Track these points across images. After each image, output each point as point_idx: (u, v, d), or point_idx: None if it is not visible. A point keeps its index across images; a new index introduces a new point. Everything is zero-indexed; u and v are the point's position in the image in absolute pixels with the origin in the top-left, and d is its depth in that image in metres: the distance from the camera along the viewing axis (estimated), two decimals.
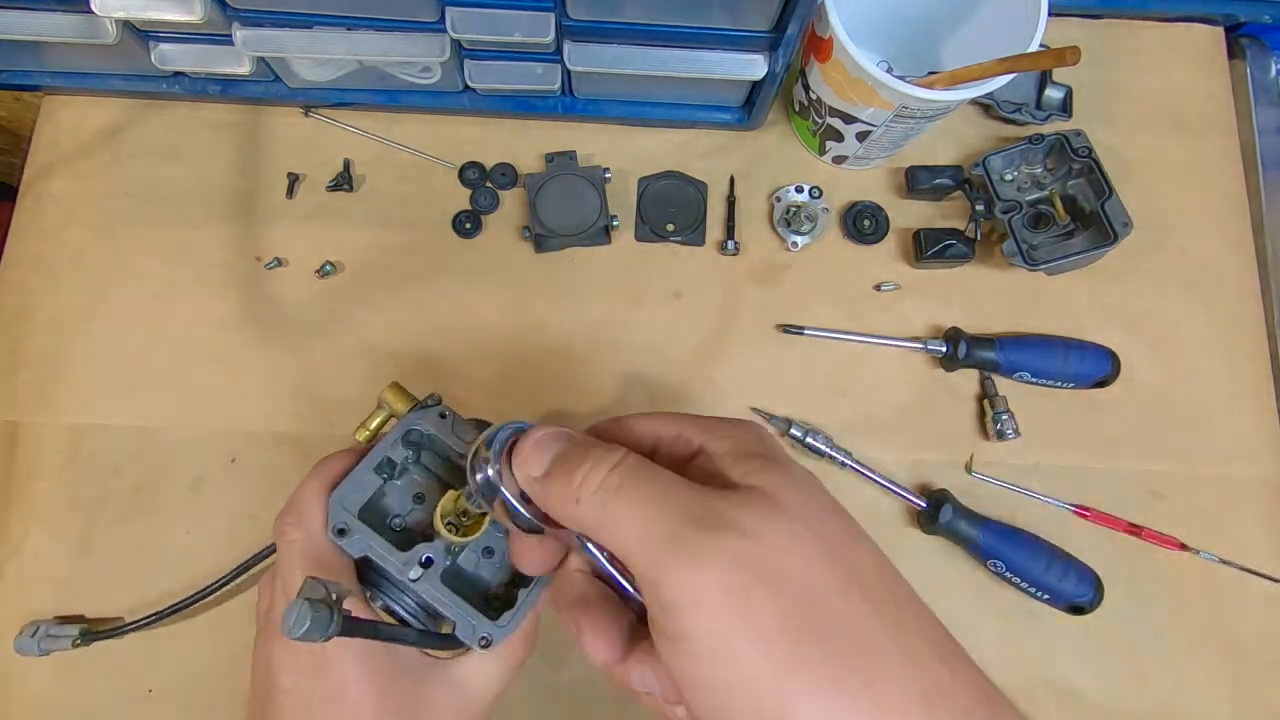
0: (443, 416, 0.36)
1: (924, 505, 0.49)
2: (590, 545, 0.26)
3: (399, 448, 0.35)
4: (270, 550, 0.45)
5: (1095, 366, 0.51)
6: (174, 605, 0.46)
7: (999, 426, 0.51)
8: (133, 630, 0.46)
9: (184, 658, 0.48)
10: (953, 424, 0.52)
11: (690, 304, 0.54)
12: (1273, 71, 0.60)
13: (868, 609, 0.21)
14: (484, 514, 0.32)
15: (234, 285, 0.53)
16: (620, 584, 0.27)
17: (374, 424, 0.38)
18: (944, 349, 0.52)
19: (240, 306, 0.53)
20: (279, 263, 0.53)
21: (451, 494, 0.33)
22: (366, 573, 0.34)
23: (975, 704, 0.21)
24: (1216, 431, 0.53)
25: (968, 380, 0.53)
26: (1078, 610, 0.48)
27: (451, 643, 0.32)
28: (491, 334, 0.53)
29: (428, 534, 0.35)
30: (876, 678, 0.20)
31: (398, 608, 0.33)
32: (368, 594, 0.33)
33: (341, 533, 0.32)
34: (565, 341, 0.53)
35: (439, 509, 0.33)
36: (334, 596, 0.25)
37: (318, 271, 0.53)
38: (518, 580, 0.35)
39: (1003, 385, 0.52)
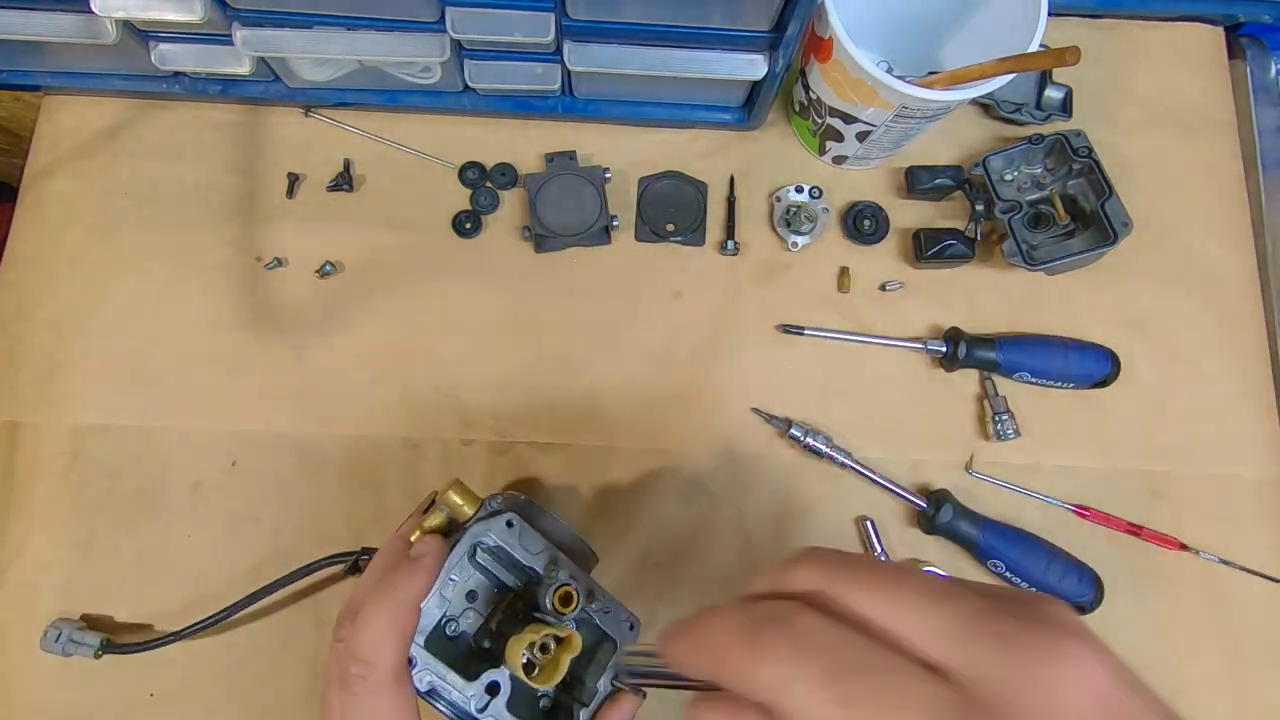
0: (509, 526, 0.34)
1: (924, 505, 0.49)
2: None
3: (465, 567, 0.34)
4: (297, 574, 0.46)
5: (1095, 366, 0.51)
6: (193, 626, 0.46)
7: (999, 426, 0.51)
8: (153, 648, 0.46)
9: (184, 663, 0.48)
10: (953, 424, 0.53)
11: (690, 304, 0.54)
12: (1273, 71, 0.60)
13: None
14: (561, 656, 0.31)
15: (234, 285, 0.53)
16: None
17: (431, 524, 0.36)
18: (944, 349, 0.52)
19: (240, 306, 0.53)
20: (279, 263, 0.53)
21: (535, 627, 0.31)
22: (438, 697, 0.32)
23: None
24: (1216, 431, 0.53)
25: (968, 380, 0.53)
26: (1078, 610, 0.48)
27: None
28: (491, 334, 0.53)
29: (480, 641, 0.33)
30: None
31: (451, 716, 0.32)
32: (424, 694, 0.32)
33: (410, 663, 0.31)
34: (565, 341, 0.53)
35: (518, 643, 0.31)
36: None
37: (318, 271, 0.53)
38: (569, 683, 0.34)
39: (1003, 385, 0.52)
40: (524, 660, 0.31)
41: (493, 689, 0.31)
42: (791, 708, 0.19)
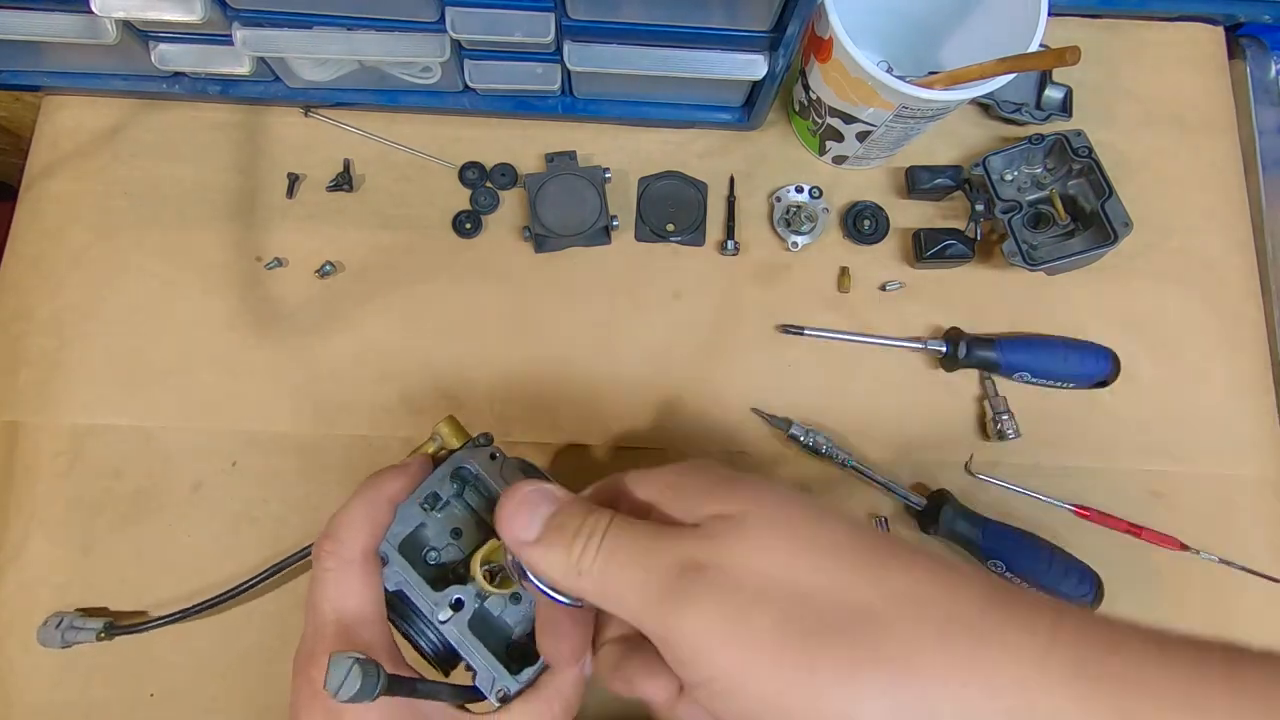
0: (493, 458, 0.36)
1: (924, 506, 0.49)
2: None
3: (447, 483, 0.35)
4: (301, 555, 0.45)
5: (1095, 366, 0.51)
6: (203, 602, 0.46)
7: (999, 426, 0.51)
8: (158, 626, 0.46)
9: (184, 662, 0.48)
10: (953, 424, 0.52)
11: (690, 304, 0.54)
12: (1273, 71, 0.60)
13: (853, 577, 0.22)
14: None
15: (234, 285, 0.53)
16: None
17: (421, 452, 0.38)
18: (944, 349, 0.52)
19: (240, 306, 0.53)
20: (279, 263, 0.53)
21: (494, 543, 0.33)
22: (394, 601, 0.33)
23: (986, 612, 0.21)
24: (1216, 431, 0.53)
25: (968, 380, 0.53)
26: None
27: (475, 695, 0.32)
28: (491, 334, 0.53)
29: (459, 572, 0.34)
30: (883, 639, 0.20)
31: (421, 642, 0.33)
32: (391, 619, 0.33)
33: (381, 562, 0.32)
34: (565, 341, 0.53)
35: (479, 554, 0.32)
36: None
37: (318, 271, 0.53)
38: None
39: (1003, 385, 0.52)
40: (484, 570, 0.32)
41: (456, 605, 0.32)
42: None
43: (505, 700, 0.32)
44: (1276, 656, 0.20)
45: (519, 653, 0.33)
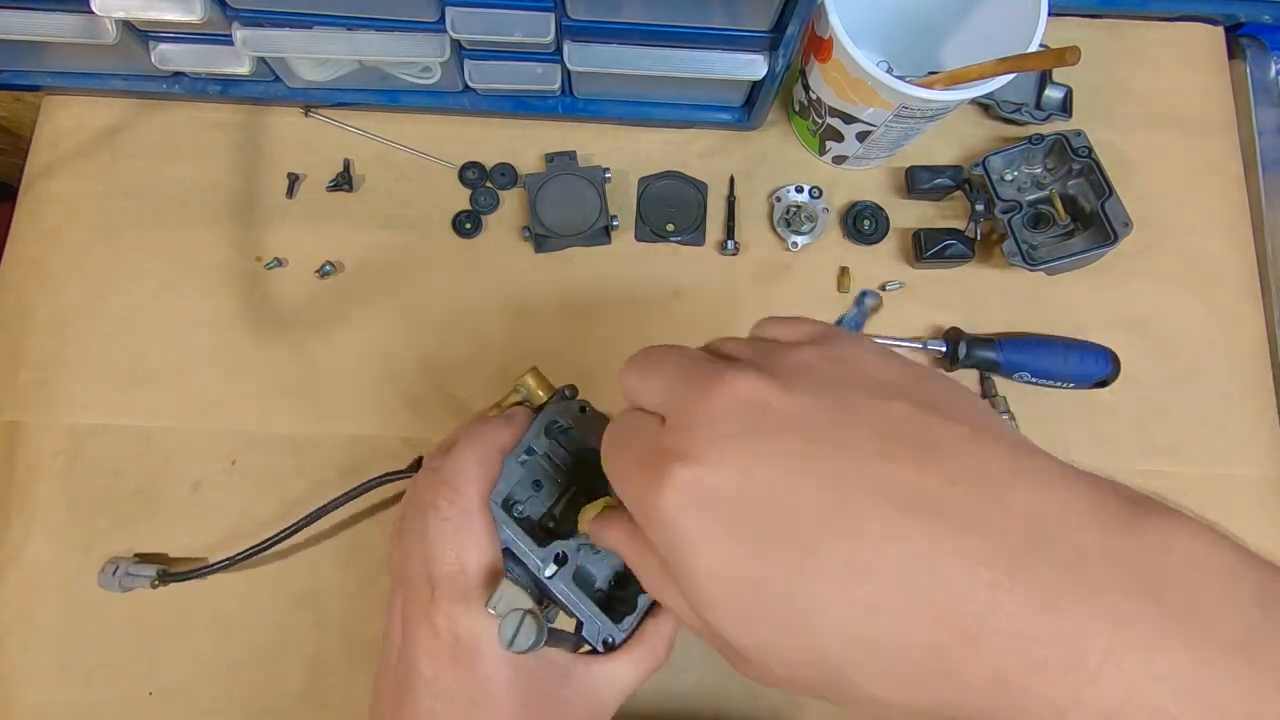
0: (583, 411, 0.36)
1: (945, 348, 0.51)
2: None
3: (542, 439, 0.35)
4: (354, 492, 0.45)
5: (1095, 366, 0.51)
6: (255, 546, 0.46)
7: None
8: (212, 572, 0.47)
9: (183, 660, 0.48)
10: None
11: (690, 304, 0.54)
12: (1273, 71, 0.60)
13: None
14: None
15: (234, 285, 0.53)
16: None
17: (509, 403, 0.38)
18: (944, 349, 0.52)
19: (240, 306, 0.53)
20: (279, 263, 0.53)
21: (603, 500, 0.32)
22: (509, 556, 0.34)
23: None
24: (1216, 431, 0.53)
25: (968, 380, 0.53)
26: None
27: (584, 641, 0.32)
28: (491, 334, 0.53)
29: (544, 524, 0.35)
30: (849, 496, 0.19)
31: (529, 592, 0.33)
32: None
33: None
34: (565, 342, 0.53)
35: (585, 510, 0.32)
36: (531, 603, 0.26)
37: (318, 271, 0.53)
38: (623, 579, 0.35)
39: (1003, 385, 0.52)
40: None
41: (560, 559, 0.32)
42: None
43: (610, 648, 0.32)
44: None
45: (605, 602, 0.34)
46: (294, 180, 0.54)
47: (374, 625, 0.49)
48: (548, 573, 0.32)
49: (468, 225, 0.54)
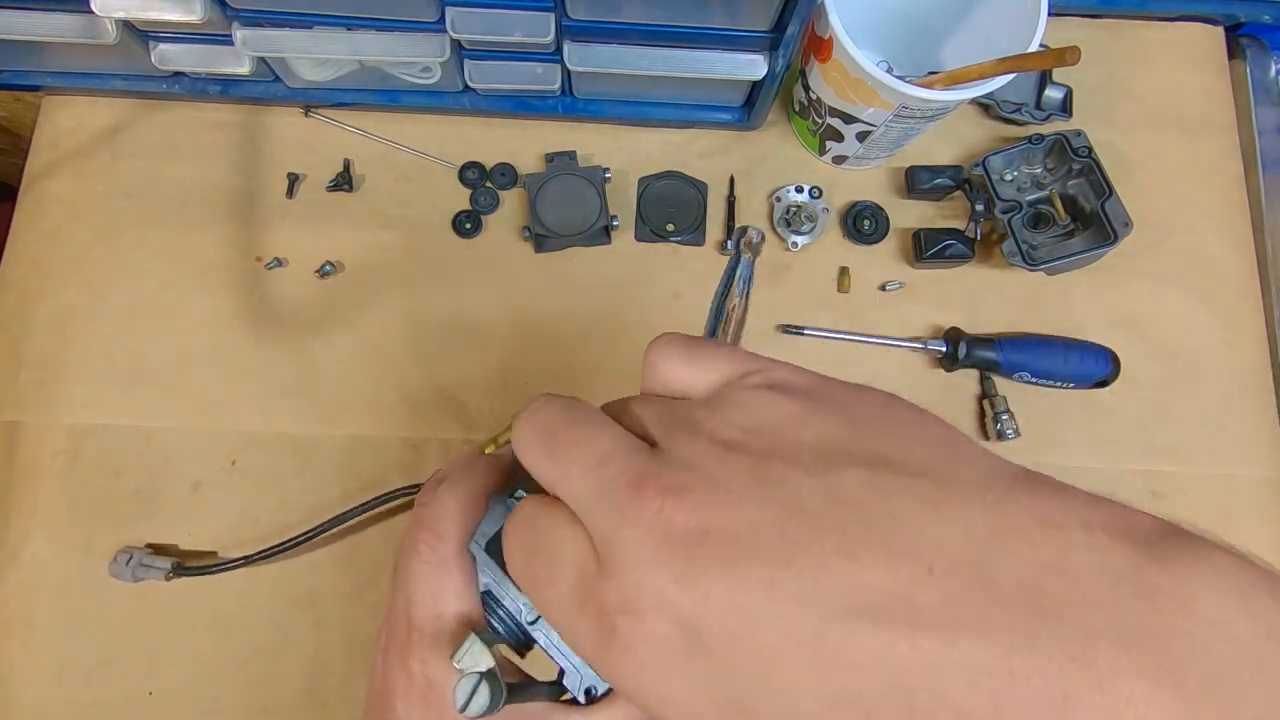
0: None
1: (945, 348, 0.51)
2: None
3: (529, 478, 0.35)
4: (358, 510, 0.47)
5: (1095, 366, 0.51)
6: (274, 546, 0.47)
7: (999, 426, 0.51)
8: (227, 569, 0.47)
9: (183, 660, 0.48)
10: (953, 424, 0.52)
11: (690, 304, 0.54)
12: (1273, 71, 0.60)
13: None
14: None
15: (234, 285, 0.53)
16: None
17: (505, 438, 0.37)
18: (944, 349, 0.52)
19: (240, 306, 0.53)
20: (279, 263, 0.53)
21: None
22: (491, 600, 0.33)
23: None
24: (1216, 431, 0.53)
25: (968, 380, 0.53)
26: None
27: (563, 690, 0.31)
28: (491, 334, 0.53)
29: None
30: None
31: (507, 637, 0.33)
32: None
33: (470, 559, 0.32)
34: (565, 342, 0.53)
35: None
36: (493, 663, 0.25)
37: (318, 271, 0.53)
38: None
39: (1003, 385, 0.52)
40: None
41: None
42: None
43: (592, 699, 0.31)
44: None
45: None
46: (294, 180, 0.54)
47: (372, 626, 0.48)
48: (529, 618, 0.31)
49: (468, 225, 0.54)
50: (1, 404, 0.51)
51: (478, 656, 0.26)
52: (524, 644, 0.32)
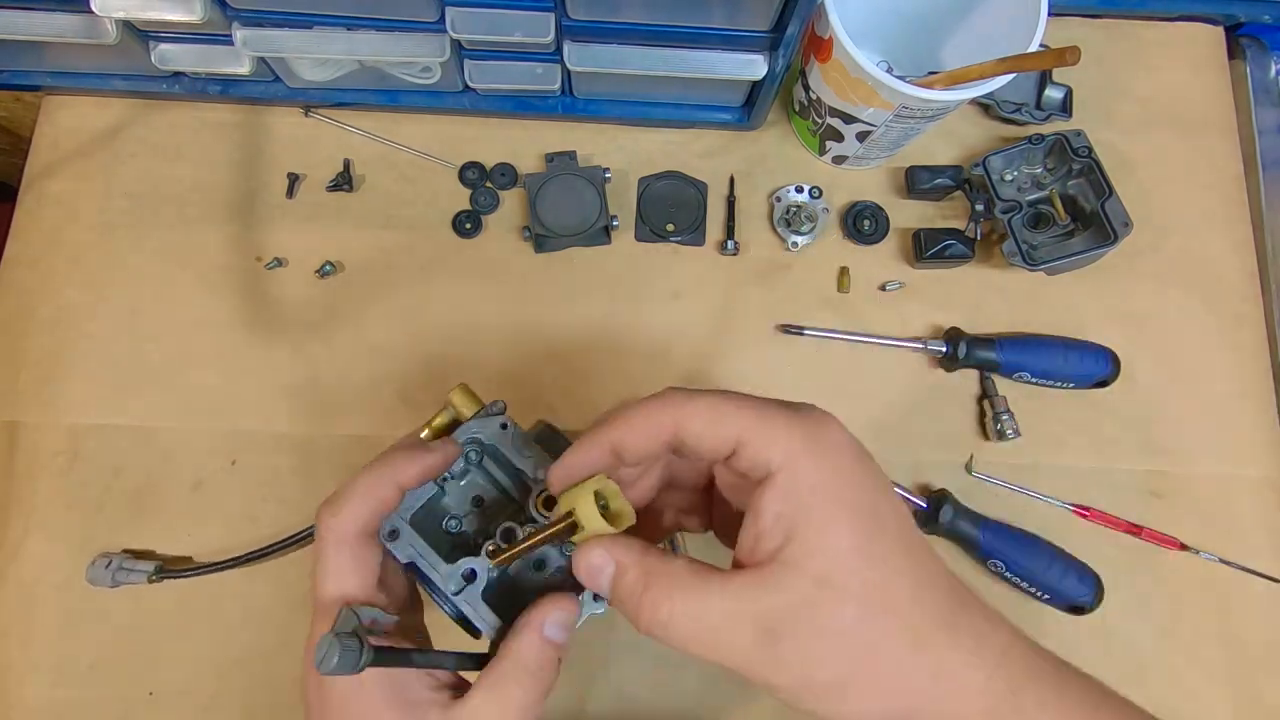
0: (504, 428, 0.36)
1: (924, 505, 0.49)
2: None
3: (462, 463, 0.35)
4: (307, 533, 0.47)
5: (1095, 366, 0.51)
6: (248, 554, 0.47)
7: (999, 426, 0.51)
8: (205, 573, 0.47)
9: (182, 660, 0.48)
10: (953, 424, 0.52)
11: (690, 304, 0.54)
12: (1273, 71, 0.60)
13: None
14: (527, 543, 0.32)
15: (234, 285, 0.53)
16: None
17: (437, 422, 0.38)
18: (944, 349, 0.52)
19: (240, 306, 0.53)
20: (279, 263, 0.53)
21: (594, 529, 0.32)
22: (419, 572, 0.33)
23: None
24: (1216, 431, 0.53)
25: (968, 380, 0.53)
26: (1078, 610, 0.48)
27: (457, 663, 0.32)
28: (491, 334, 0.53)
29: (479, 542, 0.34)
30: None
31: (444, 608, 0.33)
32: (424, 591, 0.34)
33: (392, 535, 0.32)
34: (565, 342, 0.53)
35: (579, 538, 0.31)
36: (365, 625, 0.26)
37: (318, 271, 0.53)
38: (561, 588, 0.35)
39: (1003, 385, 0.52)
40: (489, 548, 0.32)
41: (469, 575, 0.32)
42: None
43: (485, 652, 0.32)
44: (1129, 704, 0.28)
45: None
46: (294, 180, 0.54)
47: None
48: (452, 588, 0.32)
49: (468, 225, 0.54)
50: (1, 404, 0.51)
51: (344, 623, 0.27)
52: (458, 616, 0.33)
